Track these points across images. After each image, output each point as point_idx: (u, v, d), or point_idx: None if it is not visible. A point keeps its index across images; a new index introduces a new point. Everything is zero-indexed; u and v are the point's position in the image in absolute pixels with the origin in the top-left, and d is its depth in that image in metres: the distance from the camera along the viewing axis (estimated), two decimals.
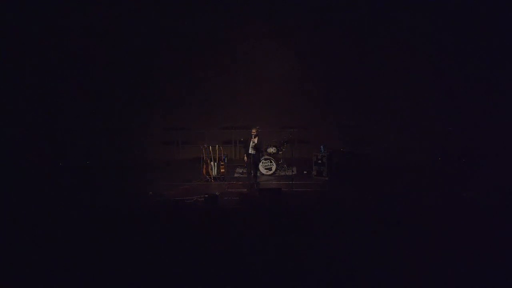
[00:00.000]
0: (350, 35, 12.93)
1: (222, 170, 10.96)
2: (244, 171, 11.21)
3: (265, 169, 11.27)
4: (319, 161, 11.09)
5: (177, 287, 4.68)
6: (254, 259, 5.05)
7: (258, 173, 10.43)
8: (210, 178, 10.83)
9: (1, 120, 11.60)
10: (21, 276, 4.78)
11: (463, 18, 12.16)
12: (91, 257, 5.16)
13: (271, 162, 11.28)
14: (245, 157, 10.07)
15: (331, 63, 13.08)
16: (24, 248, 5.45)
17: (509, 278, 4.66)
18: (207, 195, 8.44)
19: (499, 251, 5.22)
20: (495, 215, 6.63)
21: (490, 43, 12.02)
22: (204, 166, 10.86)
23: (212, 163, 10.89)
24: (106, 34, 12.59)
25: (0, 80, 11.73)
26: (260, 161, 10.77)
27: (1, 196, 8.10)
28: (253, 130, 9.86)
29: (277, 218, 6.60)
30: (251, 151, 9.84)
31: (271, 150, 11.57)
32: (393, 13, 12.57)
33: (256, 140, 9.81)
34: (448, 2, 12.27)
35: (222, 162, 10.96)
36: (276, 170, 11.33)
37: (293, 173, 11.44)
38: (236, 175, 11.60)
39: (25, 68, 12.14)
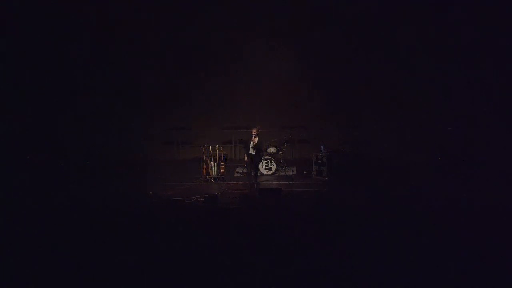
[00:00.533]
0: (350, 35, 12.93)
1: (222, 170, 10.97)
2: (244, 171, 11.21)
3: (265, 169, 11.27)
4: (319, 161, 11.09)
5: (177, 287, 4.68)
6: (254, 259, 5.05)
7: (258, 173, 10.43)
8: (210, 178, 10.83)
9: (0, 120, 11.60)
10: (21, 276, 4.78)
11: (462, 18, 12.16)
12: (90, 257, 5.15)
13: (271, 162, 11.28)
14: (245, 157, 10.07)
15: (331, 63, 13.09)
16: (23, 248, 5.45)
17: (509, 279, 4.66)
18: (207, 195, 8.44)
19: (499, 252, 5.22)
20: (495, 215, 6.62)
21: (490, 43, 12.02)
22: (204, 166, 10.87)
23: (212, 163, 10.89)
24: (106, 33, 12.59)
25: (0, 79, 11.73)
26: (260, 161, 10.77)
27: (1, 196, 8.09)
28: (253, 130, 9.86)
29: (277, 218, 6.60)
30: (251, 151, 9.84)
31: (271, 150, 11.58)
32: (393, 13, 12.57)
33: (256, 140, 9.81)
34: (447, 2, 12.27)
35: (222, 162, 10.96)
36: (276, 170, 11.33)
37: (293, 173, 11.45)
38: (236, 175, 11.61)
39: (25, 67, 12.13)
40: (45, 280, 4.72)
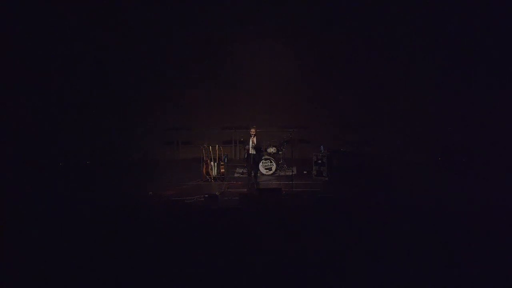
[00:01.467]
0: (350, 35, 12.93)
1: (222, 170, 10.97)
2: (244, 171, 11.21)
3: (265, 169, 11.27)
4: (319, 161, 11.09)
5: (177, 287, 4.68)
6: (254, 259, 5.05)
7: (258, 173, 10.42)
8: (210, 178, 10.83)
9: (1, 120, 11.60)
10: (21, 276, 4.78)
11: (462, 18, 12.16)
12: (90, 257, 5.15)
13: (271, 162, 11.28)
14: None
15: (331, 63, 13.10)
16: (23, 248, 5.45)
17: (508, 279, 4.66)
18: (207, 195, 8.44)
19: (498, 252, 5.22)
20: (494, 215, 6.63)
21: (490, 43, 12.02)
22: (204, 166, 10.86)
23: (212, 163, 10.89)
24: (106, 33, 12.60)
25: (0, 79, 11.73)
26: (260, 161, 10.77)
27: (2, 196, 8.10)
28: (252, 130, 9.83)
29: (277, 218, 6.60)
30: (251, 151, 9.84)
31: (271, 150, 11.57)
32: (393, 13, 12.58)
33: (255, 140, 9.79)
34: (446, 2, 12.28)
35: (222, 162, 10.96)
36: (276, 170, 11.33)
37: (293, 173, 11.44)
38: (236, 175, 11.60)
39: (26, 67, 12.13)
40: (45, 280, 4.72)
